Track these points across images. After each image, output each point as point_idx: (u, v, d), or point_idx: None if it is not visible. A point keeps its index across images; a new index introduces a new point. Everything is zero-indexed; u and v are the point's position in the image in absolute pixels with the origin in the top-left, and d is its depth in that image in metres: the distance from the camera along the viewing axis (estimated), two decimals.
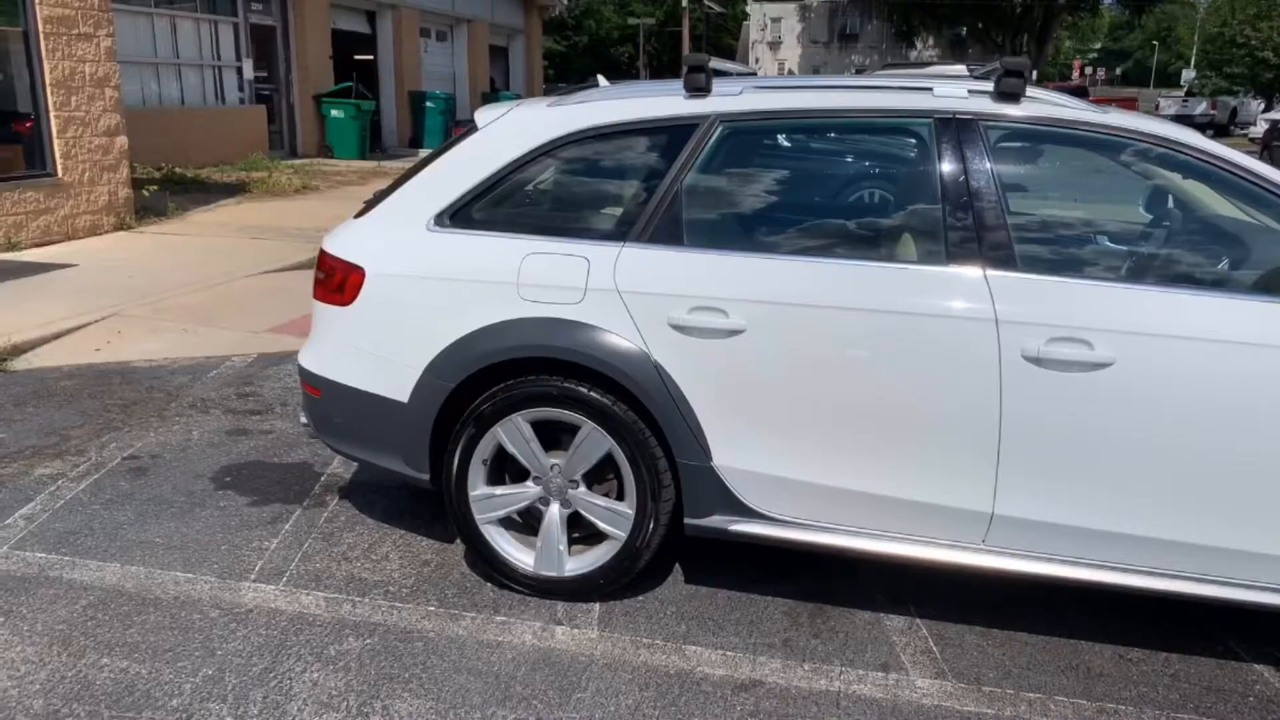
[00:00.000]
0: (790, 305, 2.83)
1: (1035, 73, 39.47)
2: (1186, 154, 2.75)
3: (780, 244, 2.97)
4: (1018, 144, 2.95)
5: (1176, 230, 3.07)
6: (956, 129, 2.86)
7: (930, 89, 2.96)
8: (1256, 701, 2.74)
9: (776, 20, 64.91)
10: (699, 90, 3.05)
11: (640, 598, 3.21)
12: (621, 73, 59.36)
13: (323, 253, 3.32)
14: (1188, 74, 52.96)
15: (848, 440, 2.85)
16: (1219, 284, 2.79)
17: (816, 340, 2.82)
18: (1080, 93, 35.69)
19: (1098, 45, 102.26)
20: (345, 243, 3.26)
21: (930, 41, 55.09)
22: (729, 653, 2.92)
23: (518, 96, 23.71)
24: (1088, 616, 3.13)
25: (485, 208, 3.12)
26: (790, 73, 58.88)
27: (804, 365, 2.84)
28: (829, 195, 2.99)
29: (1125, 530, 2.72)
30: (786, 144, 3.12)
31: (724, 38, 71.17)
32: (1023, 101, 2.87)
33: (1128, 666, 2.89)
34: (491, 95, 24.01)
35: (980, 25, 45.41)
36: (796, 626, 3.07)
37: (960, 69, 15.95)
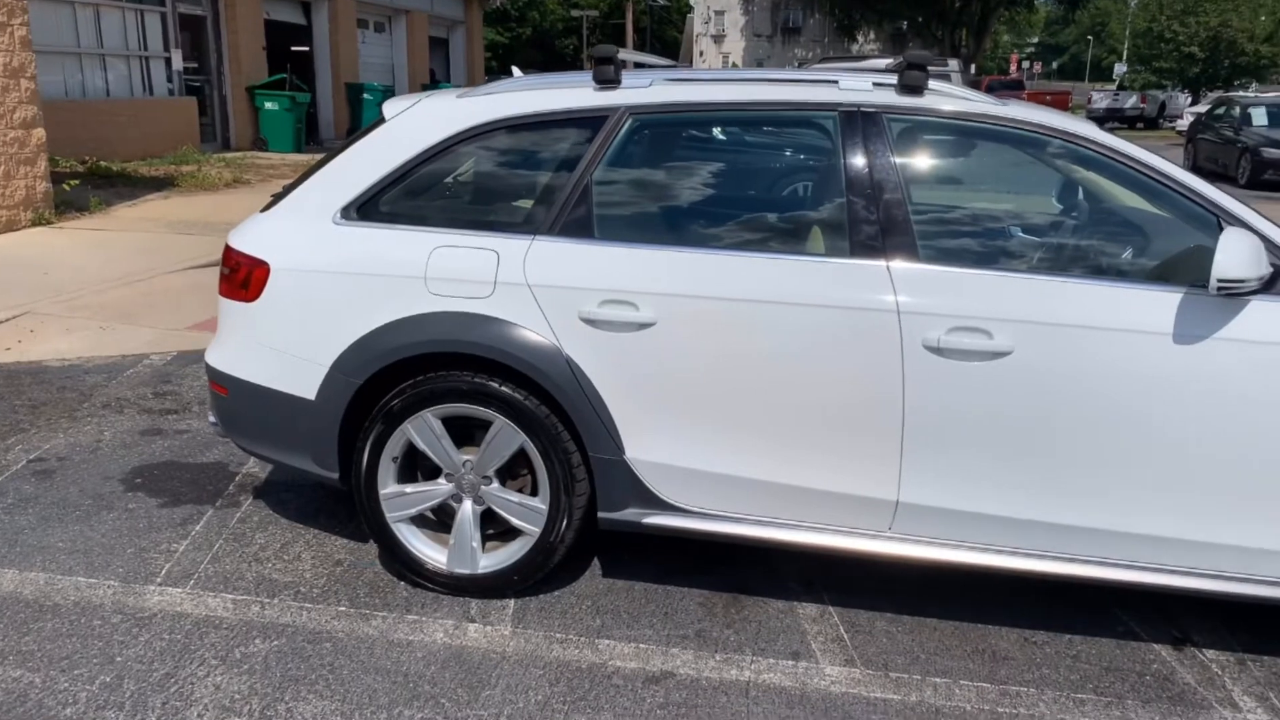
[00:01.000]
0: (699, 298, 2.84)
1: (975, 67, 40.16)
2: (1083, 146, 2.81)
3: (690, 237, 2.97)
4: (920, 136, 2.98)
5: (1076, 221, 3.13)
6: (861, 122, 2.88)
7: (836, 82, 2.98)
8: (1153, 679, 2.81)
9: (720, 13, 65.12)
10: (608, 82, 3.04)
11: (556, 593, 3.20)
12: (566, 65, 59.14)
13: (228, 248, 3.25)
14: (1119, 68, 54.25)
15: (758, 431, 2.87)
16: (1116, 273, 2.85)
17: (725, 333, 2.83)
18: (1016, 86, 36.40)
19: (1035, 40, 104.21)
20: (250, 237, 3.19)
21: (872, 36, 55.66)
22: (642, 645, 2.92)
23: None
24: (996, 601, 3.18)
25: (392, 201, 3.08)
26: (734, 66, 59.11)
27: (714, 357, 2.85)
28: (738, 188, 3.00)
29: (1026, 515, 2.77)
30: (697, 136, 3.12)
31: (668, 30, 71.26)
32: (925, 94, 2.91)
33: (1032, 649, 2.95)
34: (431, 87, 23.74)
35: (920, 20, 45.98)
36: (711, 617, 3.09)
37: (890, 61, 16.14)
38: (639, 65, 3.23)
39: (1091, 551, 2.79)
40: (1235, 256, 2.48)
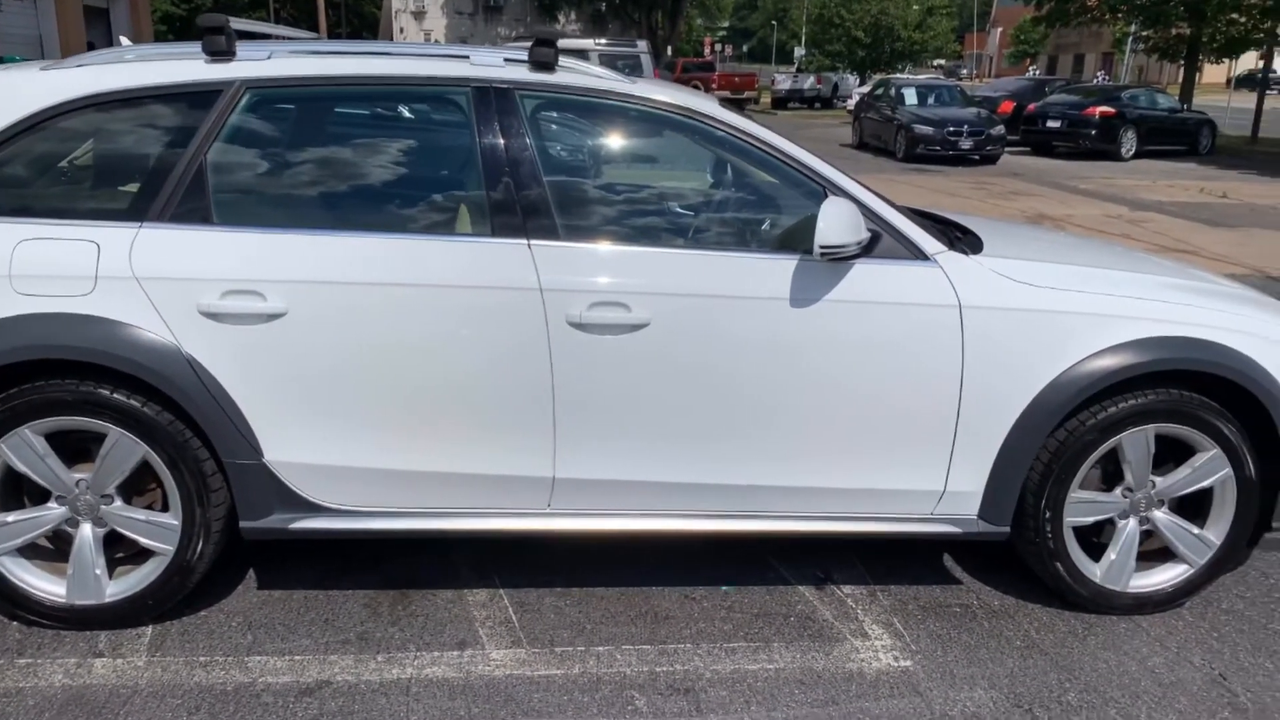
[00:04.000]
0: (334, 284, 2.69)
1: (671, 49, 41.81)
2: (704, 122, 2.92)
3: (321, 220, 2.80)
4: (554, 113, 2.99)
5: (707, 195, 3.28)
6: (494, 98, 2.83)
7: (468, 57, 2.91)
8: (797, 620, 3.02)
9: None
10: (220, 54, 2.80)
11: (203, 612, 2.95)
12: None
13: None
14: (799, 52, 58.62)
15: (407, 421, 2.77)
16: (743, 244, 3.01)
17: (364, 320, 2.70)
18: (708, 68, 38.28)
19: (725, 24, 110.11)
20: None
21: (573, 16, 56.44)
22: (297, 657, 2.75)
23: None
24: (660, 563, 3.29)
25: None
26: (436, 43, 57.78)
27: (354, 347, 2.71)
28: (371, 167, 2.87)
29: (677, 479, 2.87)
30: (323, 113, 2.95)
31: (366, 6, 68.37)
32: (557, 71, 2.91)
33: (691, 605, 3.08)
34: None
35: (618, 2, 47.18)
36: (375, 617, 2.96)
37: (590, 43, 16.31)
38: (252, 35, 2.98)
39: (741, 507, 2.94)
40: (834, 223, 2.68)
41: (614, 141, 3.19)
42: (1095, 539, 3.07)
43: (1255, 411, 2.94)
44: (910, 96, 20.35)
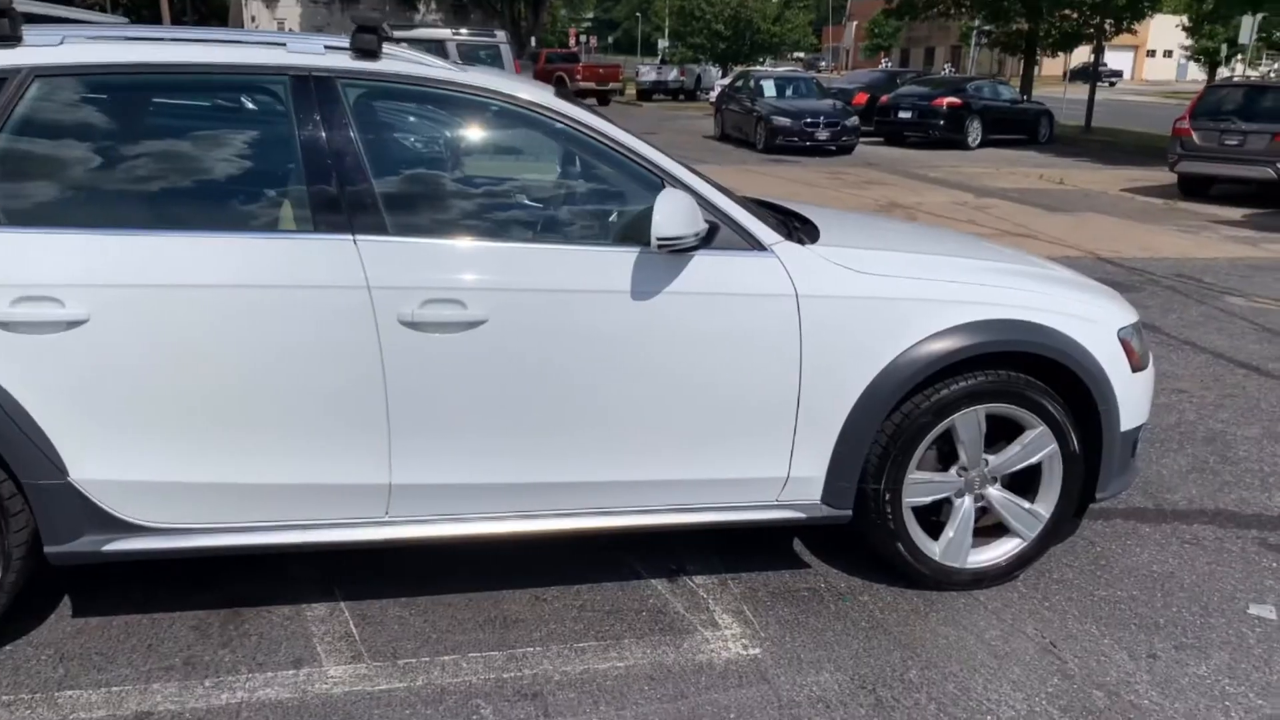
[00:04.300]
0: (141, 287, 2.50)
1: (534, 39, 41.43)
2: (540, 113, 2.84)
3: (126, 218, 2.59)
4: (379, 103, 2.87)
5: (547, 187, 3.20)
6: (313, 87, 2.69)
7: (284, 44, 2.76)
8: (648, 615, 3.00)
9: None
10: (4, 39, 2.56)
11: (8, 648, 2.71)
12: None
13: None
14: (663, 44, 59.07)
15: (230, 431, 2.61)
16: (584, 237, 2.96)
17: (179, 325, 2.53)
18: (572, 59, 38.12)
19: (590, 15, 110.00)
20: None
21: (434, 5, 55.29)
22: (115, 689, 2.56)
23: None
24: (510, 565, 3.22)
25: None
26: (290, 32, 55.56)
27: (168, 354, 2.53)
28: (180, 161, 2.67)
29: (520, 480, 2.80)
30: (127, 103, 2.74)
31: None
32: (382, 59, 2.78)
33: (541, 606, 3.02)
34: None
35: None
36: (204, 639, 2.79)
37: (447, 33, 15.95)
38: (54, 20, 2.76)
39: (589, 504, 2.89)
40: (670, 215, 2.65)
41: (445, 133, 3.09)
42: (934, 518, 3.16)
43: (1077, 389, 3.08)
44: (769, 89, 20.74)
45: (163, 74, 2.69)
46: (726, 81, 27.87)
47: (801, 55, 73.52)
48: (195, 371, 2.56)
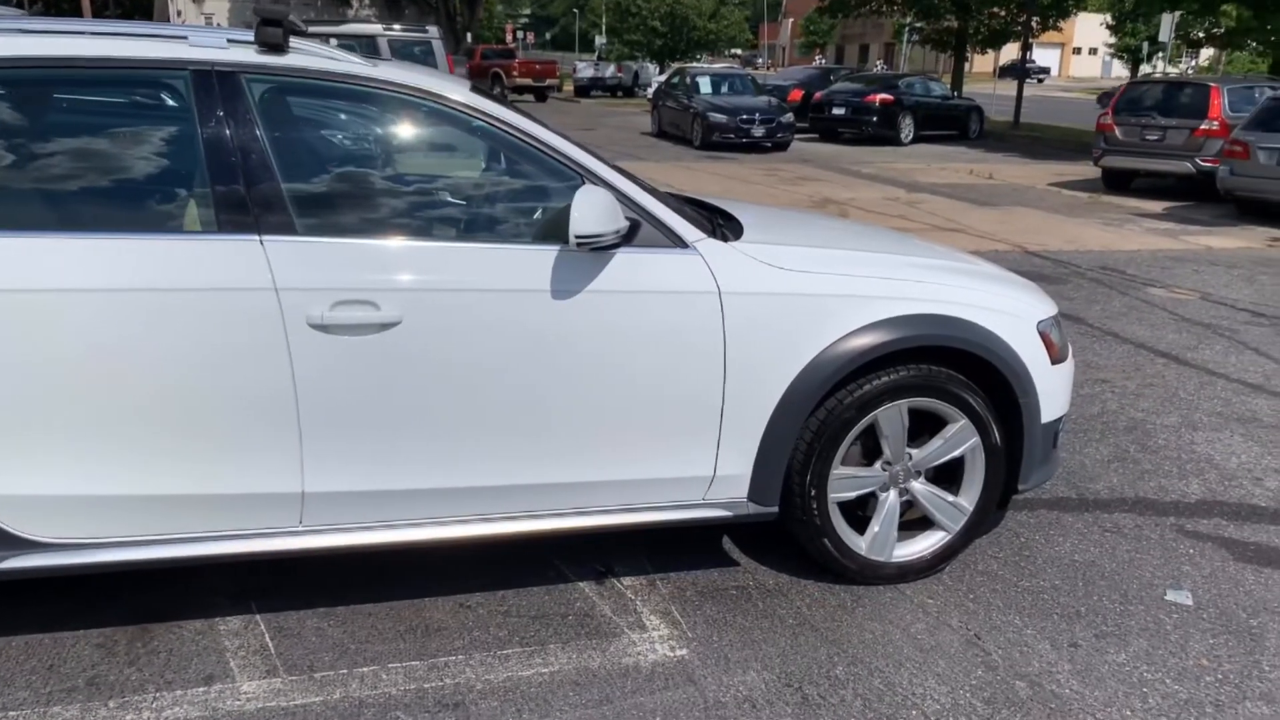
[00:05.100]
0: (35, 291, 2.39)
1: (470, 35, 40.99)
2: (453, 108, 2.77)
3: (19, 219, 2.46)
4: (287, 98, 2.78)
5: (465, 185, 3.13)
6: (216, 82, 2.59)
7: (186, 37, 2.65)
8: (575, 618, 2.95)
9: None
10: None
11: None
12: None
13: None
14: (600, 40, 58.92)
15: (131, 441, 2.50)
16: (503, 235, 2.90)
17: (76, 330, 2.41)
18: (508, 55, 37.84)
19: (527, 11, 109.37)
20: None
21: (367, 1, 54.46)
22: (12, 713, 2.44)
23: None
24: (434, 572, 3.15)
25: None
26: (218, 26, 54.32)
27: (63, 361, 2.42)
28: (77, 160, 2.55)
29: (439, 485, 2.74)
30: (18, 99, 2.60)
31: None
32: (289, 53, 2.69)
33: (465, 614, 2.96)
34: None
35: None
36: (110, 658, 2.67)
37: (378, 29, 15.66)
38: None
39: (511, 508, 2.83)
40: (589, 212, 2.61)
41: (357, 130, 3.00)
42: (860, 512, 3.16)
43: (998, 382, 3.10)
44: (705, 86, 20.79)
45: (56, 69, 2.56)
46: (664, 78, 27.91)
47: (739, 52, 73.98)
48: (94, 380, 2.45)
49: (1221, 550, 3.49)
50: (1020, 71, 26.53)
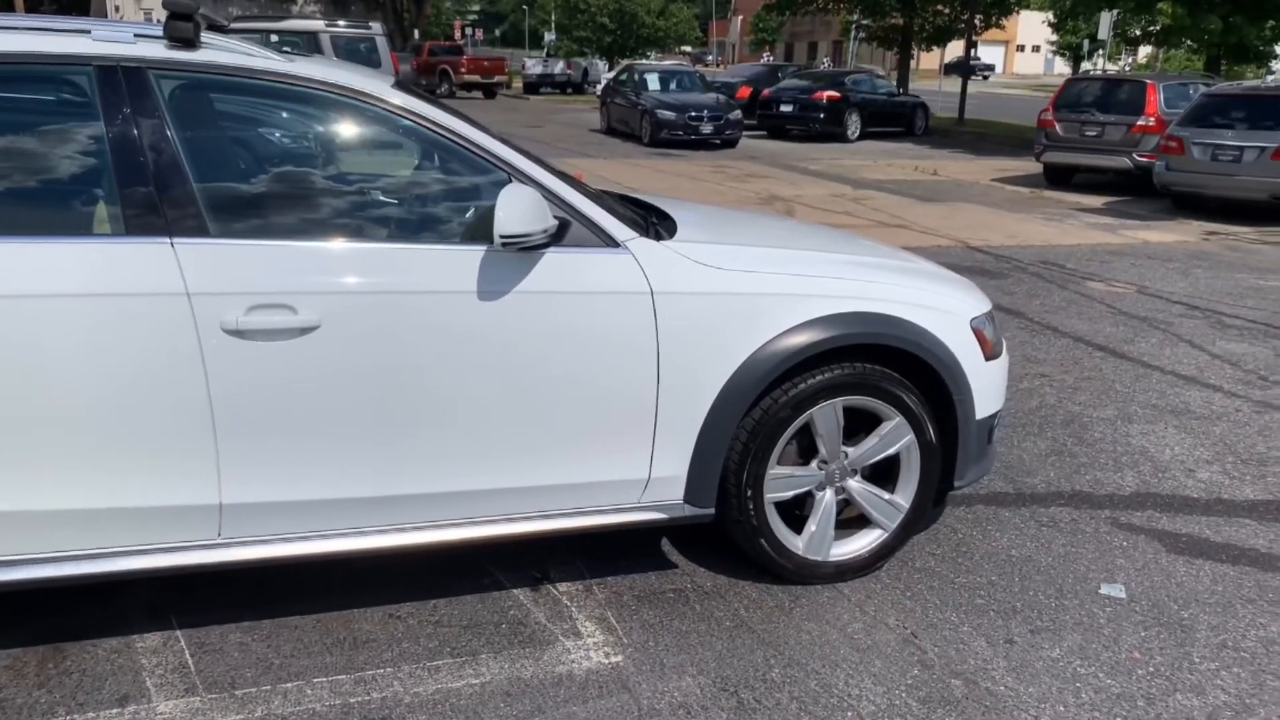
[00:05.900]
0: None
1: (418, 31, 40.56)
2: (373, 104, 2.69)
3: None
4: (199, 96, 2.68)
5: (388, 183, 3.04)
6: (122, 79, 2.48)
7: (89, 31, 2.54)
8: (509, 627, 2.89)
9: None
10: None
11: None
12: None
13: None
14: (549, 37, 58.62)
15: (37, 455, 2.39)
16: (428, 235, 2.82)
17: None
18: (456, 51, 37.49)
19: (476, 7, 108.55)
20: None
21: None
22: None
23: None
24: (363, 582, 3.06)
25: None
26: (158, 23, 53.14)
27: None
28: None
29: (364, 493, 2.66)
30: None
31: None
32: (200, 48, 2.59)
33: (395, 625, 2.88)
34: None
35: None
36: (19, 680, 2.56)
37: (320, 24, 15.37)
38: None
39: (439, 516, 2.76)
40: (514, 212, 2.54)
41: (274, 128, 2.91)
42: (797, 512, 3.14)
43: (933, 379, 3.10)
44: (653, 82, 20.76)
45: None
46: (612, 75, 27.83)
47: (688, 49, 74.12)
48: None
49: (1154, 542, 3.53)
50: (964, 69, 26.87)
